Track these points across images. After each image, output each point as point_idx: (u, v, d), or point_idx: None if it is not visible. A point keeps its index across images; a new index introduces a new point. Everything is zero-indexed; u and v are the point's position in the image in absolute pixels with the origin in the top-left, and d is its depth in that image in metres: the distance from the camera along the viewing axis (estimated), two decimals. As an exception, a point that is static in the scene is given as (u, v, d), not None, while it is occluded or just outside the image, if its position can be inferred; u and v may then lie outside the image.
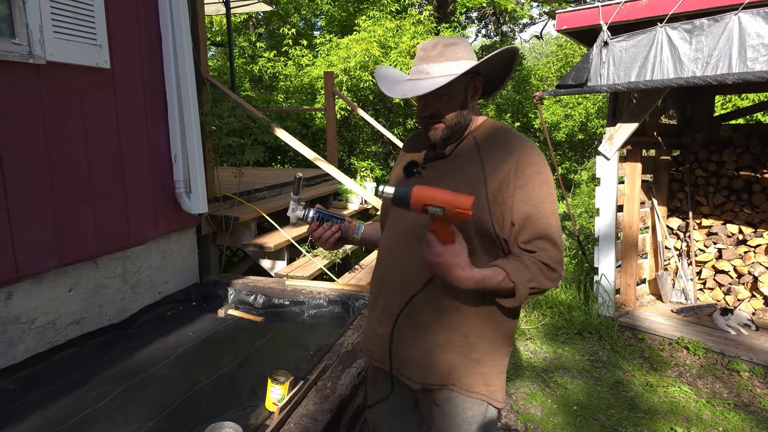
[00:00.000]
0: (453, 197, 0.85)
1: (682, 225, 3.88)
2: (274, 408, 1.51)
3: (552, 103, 8.42)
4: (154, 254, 2.49)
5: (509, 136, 1.04)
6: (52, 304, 1.99)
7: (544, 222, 0.96)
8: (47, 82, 1.89)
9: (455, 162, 1.05)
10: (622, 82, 2.82)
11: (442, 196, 0.86)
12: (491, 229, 0.99)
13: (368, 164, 7.12)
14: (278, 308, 2.50)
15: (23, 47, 1.79)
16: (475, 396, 1.05)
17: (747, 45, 2.40)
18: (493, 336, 1.05)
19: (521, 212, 0.97)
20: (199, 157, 2.53)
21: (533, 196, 0.97)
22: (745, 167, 3.60)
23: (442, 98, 1.01)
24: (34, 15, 1.80)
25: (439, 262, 0.89)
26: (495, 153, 1.01)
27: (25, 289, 1.88)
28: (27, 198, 1.84)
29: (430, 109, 1.03)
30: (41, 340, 1.95)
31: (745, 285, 3.51)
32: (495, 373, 1.05)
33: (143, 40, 2.32)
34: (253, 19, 9.09)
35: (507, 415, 2.36)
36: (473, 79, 1.05)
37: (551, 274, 0.96)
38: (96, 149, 2.10)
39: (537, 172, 0.98)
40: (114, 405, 1.63)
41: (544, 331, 3.26)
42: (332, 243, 1.17)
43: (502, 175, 0.98)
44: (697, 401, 2.48)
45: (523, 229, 0.97)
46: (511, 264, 0.95)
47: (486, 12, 10.03)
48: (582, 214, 6.41)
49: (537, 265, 0.95)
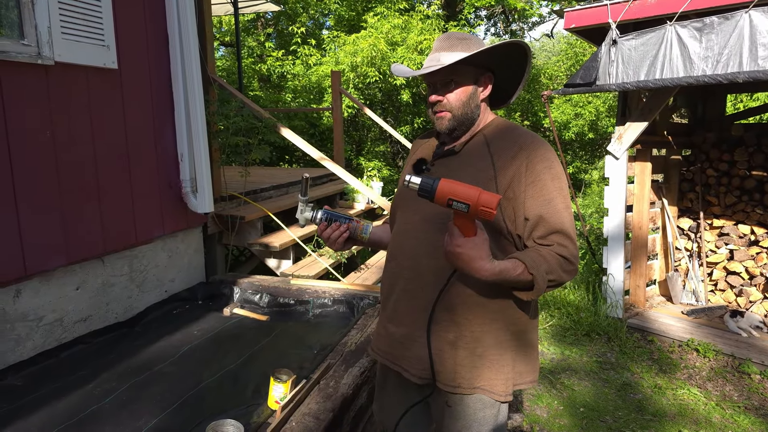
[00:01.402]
0: (479, 195, 0.85)
1: (693, 225, 3.82)
2: (276, 406, 1.51)
3: (562, 102, 8.35)
4: (161, 253, 2.51)
5: (519, 132, 1.04)
6: (59, 302, 2.01)
7: (557, 217, 0.97)
8: (55, 82, 1.92)
9: (465, 158, 1.06)
10: (631, 81, 2.78)
11: (468, 192, 0.85)
12: (503, 226, 1.00)
13: (376, 164, 7.12)
14: (283, 307, 2.51)
15: (32, 48, 1.81)
16: (475, 391, 1.04)
17: (758, 43, 2.36)
18: (499, 332, 1.04)
19: (534, 208, 0.97)
20: (206, 156, 2.55)
21: (545, 191, 0.97)
22: (757, 167, 3.54)
23: (450, 86, 1.03)
24: (43, 16, 1.83)
25: (459, 252, 0.89)
26: (505, 149, 1.01)
27: (33, 286, 1.91)
28: (35, 197, 1.87)
29: (439, 96, 1.04)
30: (49, 337, 1.98)
31: (757, 287, 3.44)
32: (497, 366, 1.04)
33: (150, 40, 2.34)
34: (261, 19, 9.15)
35: (513, 416, 2.34)
36: (484, 74, 1.06)
37: (569, 266, 0.96)
38: (103, 148, 2.13)
39: (548, 168, 0.99)
40: (119, 401, 1.64)
41: (552, 332, 3.23)
42: (341, 243, 1.17)
43: (512, 170, 0.98)
44: (706, 404, 2.44)
45: (538, 224, 0.97)
46: (530, 256, 0.94)
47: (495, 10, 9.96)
48: (593, 214, 6.35)
49: (555, 258, 0.95)
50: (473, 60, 1.01)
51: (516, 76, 1.11)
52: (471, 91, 1.05)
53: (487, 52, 1.00)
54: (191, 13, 2.42)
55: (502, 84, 1.11)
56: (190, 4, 2.41)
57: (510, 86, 1.13)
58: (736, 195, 3.58)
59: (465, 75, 1.03)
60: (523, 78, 1.11)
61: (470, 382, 1.04)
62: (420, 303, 1.05)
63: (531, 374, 1.09)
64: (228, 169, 3.36)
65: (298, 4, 8.48)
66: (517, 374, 1.07)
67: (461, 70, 1.02)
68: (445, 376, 1.05)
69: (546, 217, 0.96)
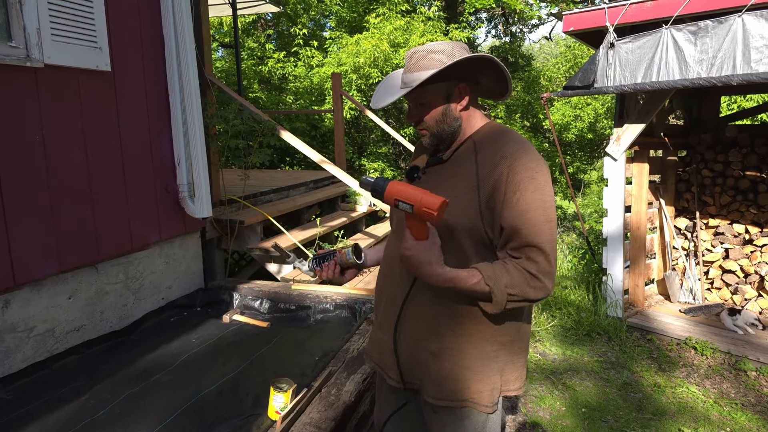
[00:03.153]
0: (422, 196, 0.89)
1: (689, 225, 3.85)
2: (276, 417, 1.48)
3: (562, 104, 8.41)
4: (158, 259, 2.46)
5: (505, 140, 1.00)
6: (51, 311, 1.96)
7: (532, 229, 0.92)
8: (45, 85, 1.87)
9: (451, 167, 1.05)
10: (628, 84, 2.80)
11: (412, 194, 0.90)
12: (484, 235, 0.98)
13: (379, 165, 7.09)
14: (284, 313, 2.47)
15: (20, 50, 1.76)
16: (462, 404, 1.03)
17: (751, 46, 2.40)
18: (485, 342, 1.02)
19: (510, 218, 0.93)
20: (203, 159, 2.50)
21: (523, 201, 0.92)
22: (751, 167, 3.58)
23: (422, 106, 1.03)
24: (32, 17, 1.78)
25: (409, 255, 0.92)
26: (489, 157, 0.98)
27: (23, 296, 1.85)
28: (25, 203, 1.81)
29: (414, 117, 1.06)
30: (40, 348, 1.92)
31: (752, 284, 3.48)
32: (484, 378, 1.02)
33: (145, 41, 2.30)
34: (261, 21, 9.08)
35: (515, 418, 2.33)
36: (455, 85, 1.02)
37: (536, 283, 0.91)
38: (96, 153, 2.08)
39: (531, 178, 0.94)
40: (114, 414, 1.59)
41: (554, 333, 3.23)
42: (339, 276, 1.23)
43: (494, 179, 0.95)
44: (704, 402, 2.46)
45: (512, 236, 0.94)
46: (490, 267, 0.92)
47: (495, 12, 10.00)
48: (592, 214, 6.38)
49: (520, 272, 0.91)
50: (439, 76, 0.96)
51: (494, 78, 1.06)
52: (443, 109, 1.02)
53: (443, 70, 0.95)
54: (187, 14, 2.38)
55: (492, 84, 1.08)
56: (186, 5, 2.37)
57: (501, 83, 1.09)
58: (731, 195, 3.62)
59: (434, 93, 1.00)
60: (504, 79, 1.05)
61: (456, 395, 1.02)
62: (396, 309, 1.07)
63: (518, 382, 1.07)
64: (227, 172, 3.31)
65: (299, 5, 8.43)
66: (504, 383, 1.05)
67: (428, 89, 0.99)
68: (431, 388, 1.04)
69: (520, 229, 0.92)
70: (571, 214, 6.62)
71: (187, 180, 2.49)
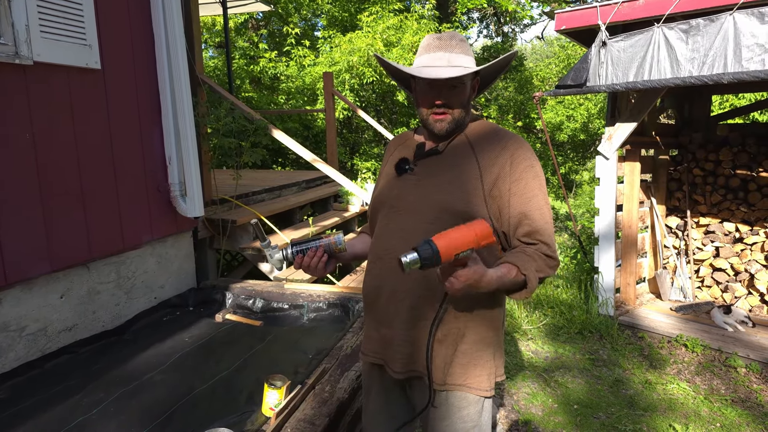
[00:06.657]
0: (475, 233, 0.86)
1: (680, 224, 3.89)
2: (270, 413, 1.48)
3: (555, 103, 8.45)
4: (150, 258, 2.45)
5: (501, 134, 1.08)
6: (43, 310, 1.94)
7: (539, 214, 1.02)
8: (35, 83, 1.85)
9: (448, 158, 1.08)
10: (620, 82, 2.82)
11: (465, 238, 0.85)
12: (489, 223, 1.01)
13: (371, 165, 7.09)
14: (277, 312, 2.47)
15: (9, 47, 1.75)
16: (462, 388, 1.06)
17: (742, 45, 2.41)
18: (483, 328, 1.06)
19: (518, 205, 1.02)
20: (195, 159, 2.49)
21: (528, 189, 1.02)
22: (741, 166, 3.62)
23: (455, 90, 1.04)
24: (20, 14, 1.76)
25: (469, 285, 0.89)
26: (489, 149, 1.05)
27: (14, 295, 1.84)
28: (15, 202, 1.80)
29: (443, 99, 1.04)
30: (32, 347, 1.91)
31: (741, 282, 3.52)
32: (483, 362, 1.06)
33: (135, 40, 2.28)
34: (252, 20, 9.02)
35: (508, 415, 2.34)
36: (474, 78, 1.09)
37: (552, 262, 1.02)
38: (87, 151, 2.06)
39: (530, 167, 1.04)
40: (107, 412, 1.59)
41: (546, 331, 3.25)
42: (323, 267, 1.14)
43: (497, 169, 1.02)
44: (695, 398, 2.49)
45: (521, 222, 1.02)
46: (518, 258, 0.98)
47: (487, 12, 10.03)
48: (584, 214, 6.43)
49: (540, 256, 1.00)
50: None
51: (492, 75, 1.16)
52: (469, 94, 1.08)
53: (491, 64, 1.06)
54: (177, 12, 2.37)
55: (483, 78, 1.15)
56: (176, 4, 2.36)
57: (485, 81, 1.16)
58: (722, 194, 3.66)
59: (469, 81, 1.07)
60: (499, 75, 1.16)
61: (458, 378, 1.06)
62: (408, 303, 1.06)
63: (502, 367, 1.13)
64: (219, 172, 3.30)
65: (290, 4, 8.40)
66: (497, 368, 1.10)
67: (467, 76, 1.06)
68: (435, 374, 1.07)
69: (529, 215, 1.01)
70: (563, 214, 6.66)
71: (179, 179, 2.48)
